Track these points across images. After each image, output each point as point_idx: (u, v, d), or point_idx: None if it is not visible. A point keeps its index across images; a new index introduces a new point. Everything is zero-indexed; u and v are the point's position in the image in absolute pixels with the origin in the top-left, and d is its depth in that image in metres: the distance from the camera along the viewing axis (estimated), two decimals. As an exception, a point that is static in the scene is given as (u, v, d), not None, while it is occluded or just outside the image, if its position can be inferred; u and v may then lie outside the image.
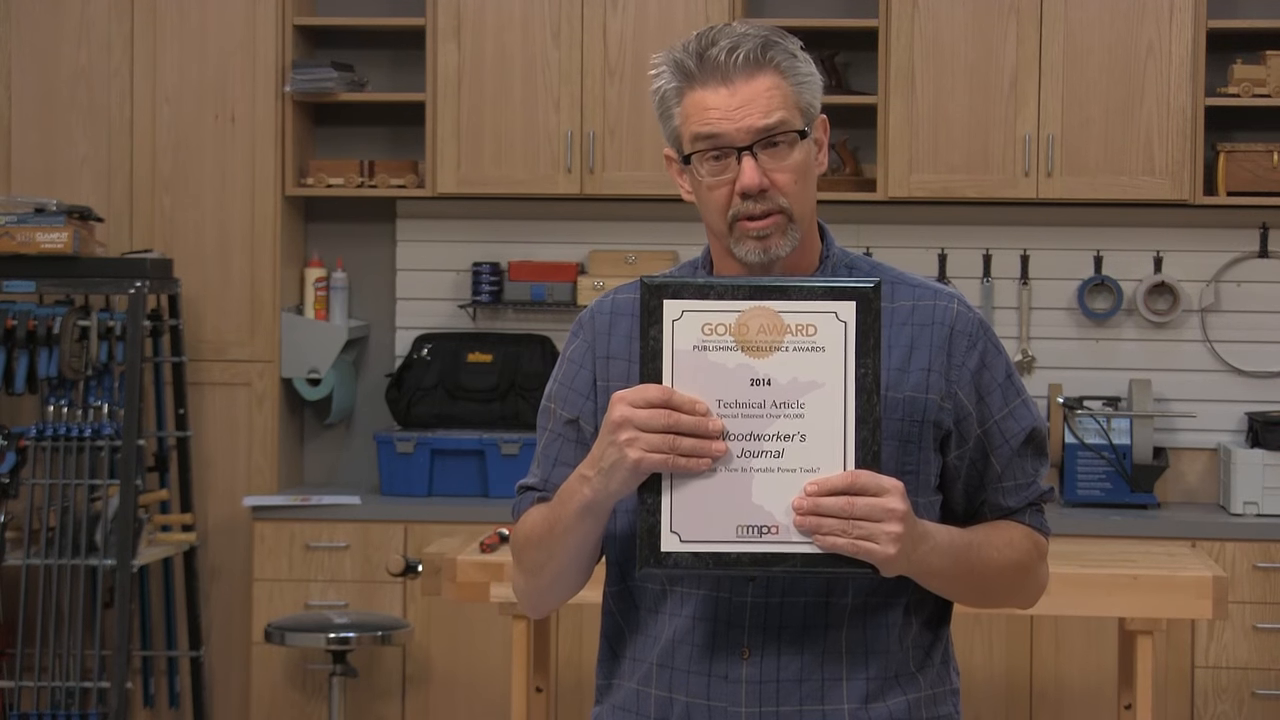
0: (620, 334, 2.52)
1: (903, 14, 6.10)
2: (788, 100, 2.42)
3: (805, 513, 2.25)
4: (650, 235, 6.40)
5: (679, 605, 2.44)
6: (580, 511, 2.36)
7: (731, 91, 2.40)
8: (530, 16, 6.21)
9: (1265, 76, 6.09)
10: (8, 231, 5.92)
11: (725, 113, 2.40)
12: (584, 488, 2.33)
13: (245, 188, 6.31)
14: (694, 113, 2.42)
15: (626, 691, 2.50)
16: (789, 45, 2.45)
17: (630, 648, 2.50)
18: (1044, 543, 2.55)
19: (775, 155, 2.41)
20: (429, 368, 6.45)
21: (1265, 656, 5.88)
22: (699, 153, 2.42)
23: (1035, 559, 2.54)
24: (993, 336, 2.52)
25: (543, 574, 2.48)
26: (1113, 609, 4.80)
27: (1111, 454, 6.15)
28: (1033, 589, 2.57)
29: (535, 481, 2.54)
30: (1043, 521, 2.56)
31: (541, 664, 5.09)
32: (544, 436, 2.55)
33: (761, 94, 2.40)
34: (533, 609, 2.59)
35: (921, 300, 2.48)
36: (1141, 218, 6.35)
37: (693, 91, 2.42)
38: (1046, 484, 2.56)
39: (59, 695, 5.93)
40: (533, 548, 2.47)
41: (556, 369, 2.57)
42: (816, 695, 2.41)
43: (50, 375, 5.92)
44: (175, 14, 6.29)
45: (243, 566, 6.26)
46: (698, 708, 2.43)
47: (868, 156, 6.34)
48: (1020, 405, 2.52)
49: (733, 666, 2.41)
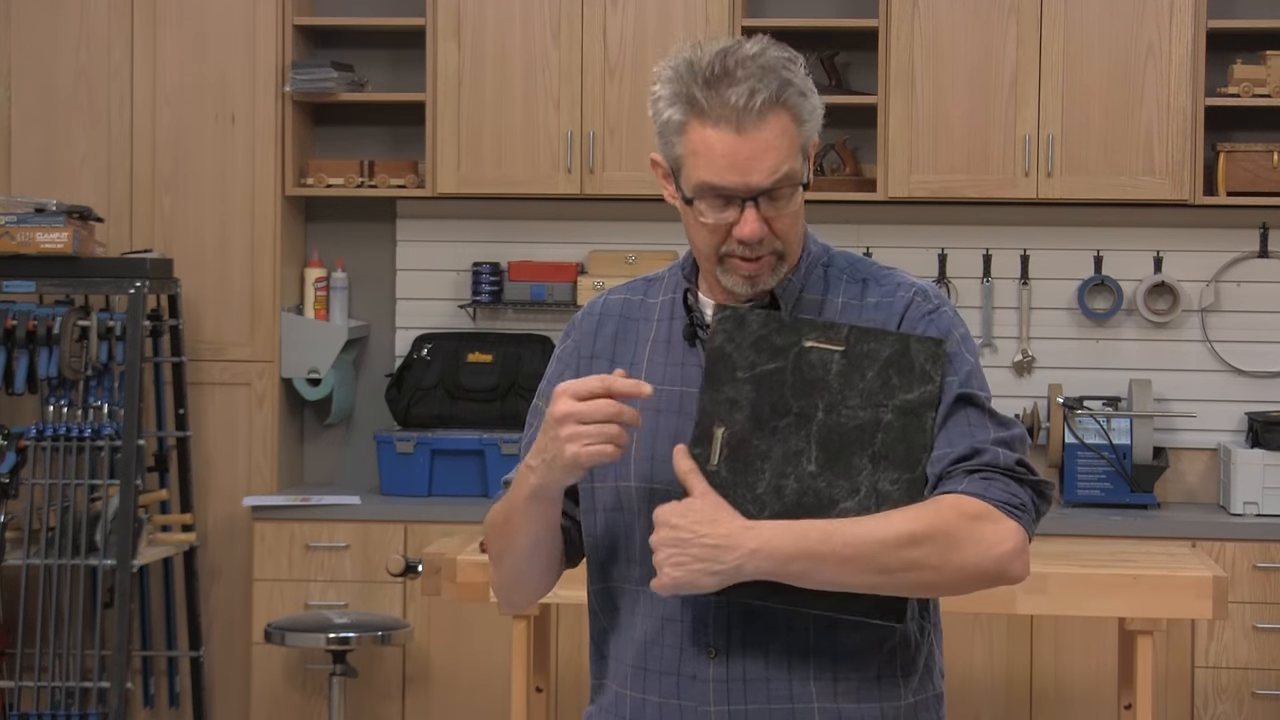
0: (605, 335, 2.56)
1: (903, 14, 6.10)
2: (794, 146, 2.38)
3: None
4: (650, 235, 6.40)
5: (651, 606, 2.45)
6: (528, 498, 2.42)
7: (742, 137, 2.35)
8: (530, 16, 6.21)
9: (1265, 76, 6.09)
10: (8, 231, 5.92)
11: (734, 162, 2.36)
12: (530, 476, 2.40)
13: (245, 188, 6.31)
14: (701, 154, 2.38)
15: (611, 694, 2.53)
16: (799, 80, 2.39)
17: (613, 648, 2.53)
18: (979, 506, 2.34)
19: (776, 204, 2.40)
20: (429, 368, 6.45)
21: (1265, 656, 5.88)
22: (704, 200, 2.40)
23: (951, 523, 2.32)
24: (942, 322, 2.46)
25: (503, 563, 2.54)
26: (1113, 609, 4.80)
27: (1111, 454, 6.15)
28: (959, 556, 2.33)
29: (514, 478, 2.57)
30: (987, 488, 2.36)
31: (541, 664, 5.10)
32: (529, 433, 2.58)
33: (771, 143, 2.36)
34: (503, 601, 2.63)
35: (884, 297, 2.49)
36: (1141, 218, 6.35)
37: (701, 129, 2.37)
38: (1008, 454, 2.39)
39: (59, 695, 5.93)
40: (495, 537, 2.54)
41: (549, 368, 2.61)
42: (784, 695, 2.42)
43: (50, 375, 5.91)
44: (175, 14, 6.29)
45: (243, 566, 6.26)
46: (669, 708, 2.45)
47: (868, 156, 6.34)
48: (956, 377, 2.41)
49: (700, 666, 2.43)
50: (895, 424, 2.36)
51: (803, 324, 2.39)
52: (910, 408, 2.36)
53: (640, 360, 2.52)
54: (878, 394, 2.36)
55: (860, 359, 2.37)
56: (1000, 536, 2.35)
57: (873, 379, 2.36)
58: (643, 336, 2.54)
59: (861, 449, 2.35)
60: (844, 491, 2.35)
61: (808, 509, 2.35)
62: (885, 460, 2.35)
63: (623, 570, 2.50)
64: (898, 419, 2.36)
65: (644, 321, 2.55)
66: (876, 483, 2.35)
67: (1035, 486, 2.41)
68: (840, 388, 2.36)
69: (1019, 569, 2.37)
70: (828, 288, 2.50)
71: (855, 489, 2.35)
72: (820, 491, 2.35)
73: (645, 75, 6.22)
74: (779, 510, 2.35)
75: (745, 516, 2.34)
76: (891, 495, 2.35)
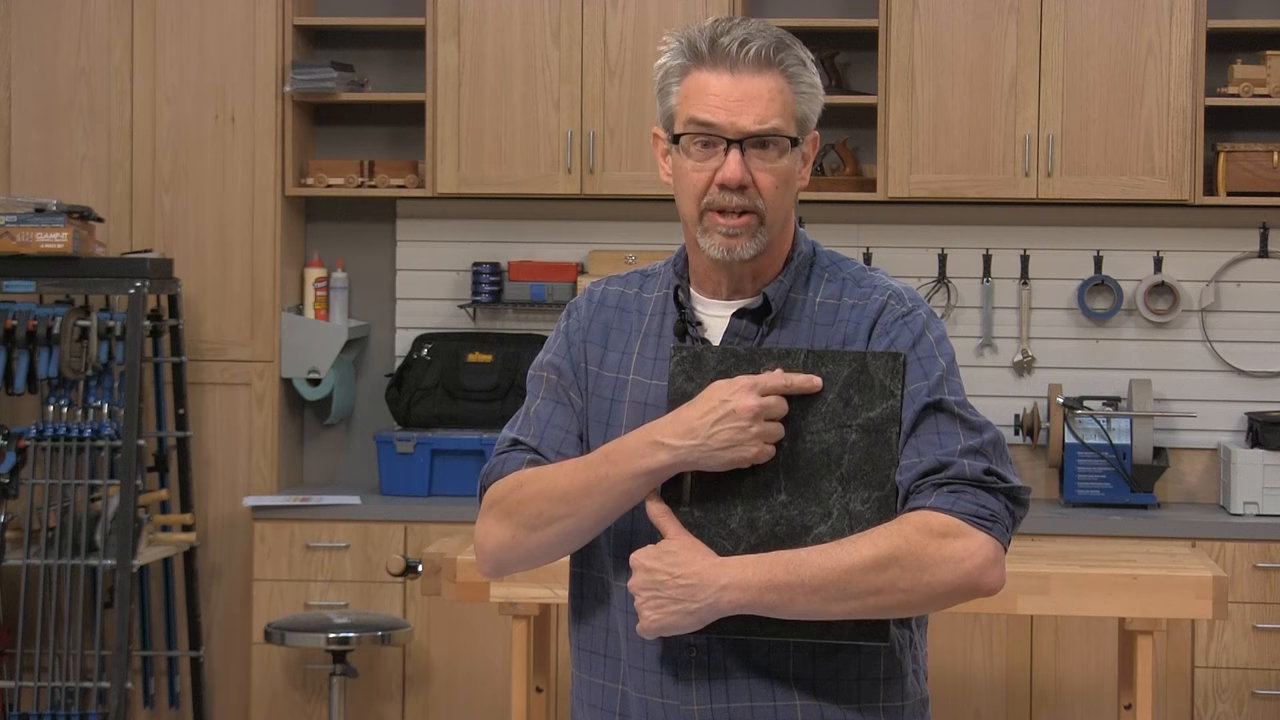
0: (600, 322, 2.59)
1: (903, 14, 6.10)
2: (787, 107, 2.44)
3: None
4: (650, 235, 6.41)
5: (627, 600, 2.46)
6: (643, 474, 2.38)
7: (735, 81, 2.42)
8: (530, 16, 6.21)
9: (1265, 76, 6.09)
10: (8, 231, 5.92)
11: (724, 101, 2.42)
12: (659, 453, 2.37)
13: (245, 188, 6.31)
14: (693, 94, 2.44)
15: (592, 687, 2.53)
16: (800, 53, 2.47)
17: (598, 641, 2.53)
18: (945, 522, 2.33)
19: (762, 156, 2.43)
20: (429, 368, 6.45)
21: (1265, 656, 5.88)
22: (689, 135, 2.44)
23: (916, 543, 2.32)
24: (915, 324, 2.46)
25: (549, 529, 2.46)
26: (1113, 609, 4.80)
27: (1111, 454, 6.15)
28: (928, 575, 2.32)
29: (528, 439, 2.56)
30: (955, 501, 2.34)
31: (541, 664, 5.09)
32: (535, 401, 2.58)
33: (763, 93, 2.42)
34: (499, 567, 2.54)
35: (860, 299, 2.50)
36: (1141, 218, 6.35)
37: (698, 72, 2.44)
38: (975, 464, 2.37)
39: (59, 695, 5.93)
40: (547, 501, 2.45)
41: (550, 341, 2.62)
42: (767, 693, 2.43)
43: (50, 375, 5.91)
44: (175, 14, 6.29)
45: (243, 566, 6.26)
46: (654, 705, 2.46)
47: (868, 156, 6.34)
48: (926, 383, 2.40)
49: (682, 665, 2.44)
50: (860, 443, 2.36)
51: (759, 354, 2.40)
52: (874, 425, 2.36)
53: (630, 353, 2.54)
54: (840, 415, 2.37)
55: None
56: (968, 551, 2.34)
57: (834, 400, 2.37)
58: (634, 329, 2.56)
59: (829, 472, 2.36)
60: (816, 517, 2.36)
61: (782, 538, 2.36)
62: (854, 480, 2.36)
63: (604, 563, 2.51)
64: (862, 438, 2.36)
65: (637, 315, 2.57)
66: (848, 504, 2.36)
67: (1008, 494, 2.39)
68: (802, 413, 2.37)
69: (992, 580, 2.36)
70: (809, 285, 2.51)
71: (827, 513, 2.36)
72: (793, 520, 2.36)
73: (645, 75, 6.23)
74: (754, 543, 2.36)
75: (721, 553, 2.36)
76: (864, 515, 2.35)
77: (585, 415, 2.54)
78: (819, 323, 2.48)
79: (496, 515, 2.51)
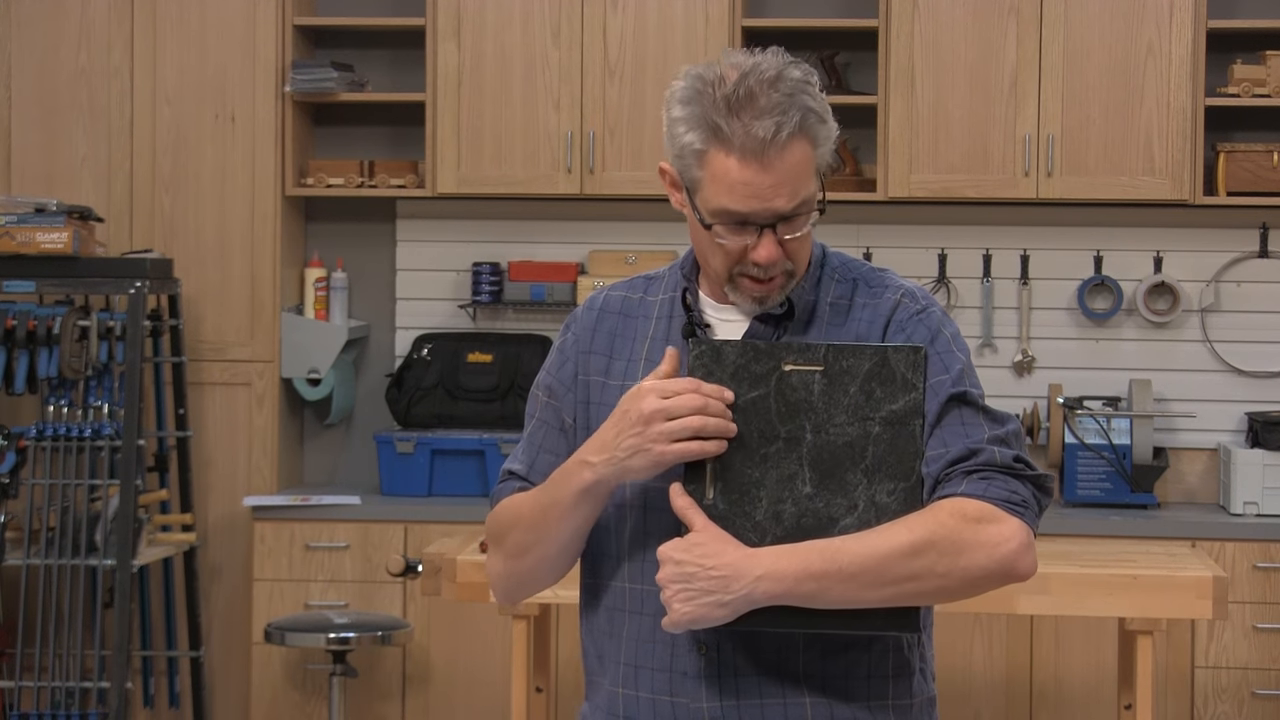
0: (604, 331, 2.57)
1: (903, 14, 6.10)
2: (812, 170, 2.40)
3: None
4: (650, 235, 6.41)
5: (641, 603, 2.46)
6: (578, 495, 2.41)
7: (764, 168, 2.36)
8: (530, 16, 6.21)
9: (1265, 76, 6.09)
10: (8, 231, 5.92)
11: (756, 190, 2.37)
12: (584, 472, 2.39)
13: (245, 188, 6.31)
14: (722, 180, 2.38)
15: (605, 692, 2.53)
16: (818, 105, 2.40)
17: (604, 645, 2.53)
18: (979, 508, 2.35)
19: (793, 227, 2.41)
20: (429, 368, 6.45)
21: (1265, 656, 5.88)
22: (722, 224, 2.41)
23: (952, 528, 2.33)
24: (930, 321, 2.48)
25: (527, 557, 2.51)
26: (1113, 609, 4.80)
27: (1111, 454, 6.15)
28: (964, 560, 2.33)
29: (519, 468, 2.58)
30: (987, 488, 2.36)
31: (541, 664, 5.10)
32: (530, 423, 2.60)
33: (792, 170, 2.37)
34: (507, 594, 2.60)
35: (872, 299, 2.50)
36: (1141, 218, 6.35)
37: (724, 157, 2.37)
38: (1004, 451, 2.39)
39: (59, 695, 5.93)
40: (520, 530, 2.50)
41: (548, 359, 2.62)
42: (777, 691, 2.43)
43: (50, 375, 5.92)
44: (175, 14, 6.29)
45: (243, 566, 6.26)
46: (662, 704, 2.46)
47: (868, 156, 6.34)
48: (948, 376, 2.42)
49: (691, 662, 2.44)
50: (884, 436, 2.37)
51: (779, 349, 2.39)
52: (896, 418, 2.37)
53: (638, 358, 2.53)
54: (863, 408, 2.37)
55: (841, 376, 2.37)
56: (1003, 535, 2.35)
57: (856, 394, 2.37)
58: (641, 334, 2.55)
59: (854, 464, 2.37)
60: (842, 509, 2.36)
61: (808, 530, 2.36)
62: (879, 473, 2.37)
63: (613, 567, 2.51)
64: (885, 430, 2.37)
65: (643, 319, 2.56)
66: (873, 496, 2.36)
67: (1035, 481, 2.41)
68: (825, 407, 2.37)
69: (1026, 566, 2.37)
70: (819, 287, 2.51)
71: (853, 505, 2.36)
72: (819, 512, 2.36)
73: (645, 75, 6.24)
74: (780, 535, 2.36)
75: (747, 545, 2.35)
76: (890, 507, 2.36)
77: (586, 430, 2.51)
78: (830, 323, 2.49)
79: (492, 548, 2.59)
